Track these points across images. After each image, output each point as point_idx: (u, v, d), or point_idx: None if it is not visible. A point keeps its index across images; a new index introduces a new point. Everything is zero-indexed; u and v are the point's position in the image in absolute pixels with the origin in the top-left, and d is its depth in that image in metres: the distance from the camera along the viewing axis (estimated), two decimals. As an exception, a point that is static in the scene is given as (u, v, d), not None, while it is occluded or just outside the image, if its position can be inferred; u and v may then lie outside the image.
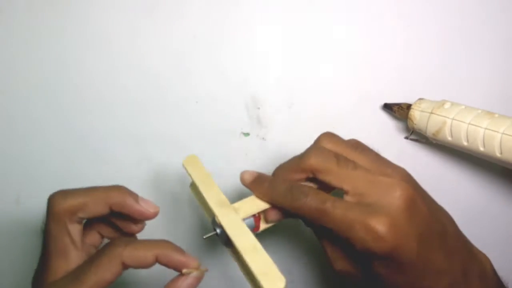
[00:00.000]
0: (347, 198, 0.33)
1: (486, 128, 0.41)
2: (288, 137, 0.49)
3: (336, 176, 0.33)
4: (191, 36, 0.48)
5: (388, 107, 0.47)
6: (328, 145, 0.35)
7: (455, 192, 0.49)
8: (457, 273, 0.33)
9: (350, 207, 0.32)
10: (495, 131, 0.40)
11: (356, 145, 0.36)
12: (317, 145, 0.36)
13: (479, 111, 0.42)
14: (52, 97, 0.50)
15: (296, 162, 0.35)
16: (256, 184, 0.36)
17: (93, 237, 0.37)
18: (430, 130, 0.44)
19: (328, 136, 0.36)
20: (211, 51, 0.49)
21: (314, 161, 0.34)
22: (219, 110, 0.49)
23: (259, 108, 0.49)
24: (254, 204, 0.36)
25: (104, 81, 0.50)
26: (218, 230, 0.34)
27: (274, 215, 0.36)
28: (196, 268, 0.32)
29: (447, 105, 0.43)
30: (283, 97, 0.49)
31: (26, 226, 0.51)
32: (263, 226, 0.37)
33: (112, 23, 0.49)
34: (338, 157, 0.34)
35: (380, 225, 0.30)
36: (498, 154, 0.40)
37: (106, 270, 0.31)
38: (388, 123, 0.48)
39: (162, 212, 0.38)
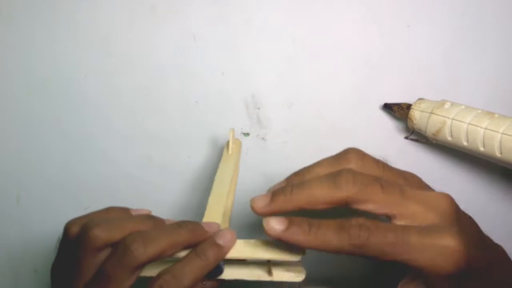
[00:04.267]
0: (396, 222, 0.30)
1: (486, 128, 0.41)
2: (288, 137, 0.49)
3: (382, 203, 0.29)
4: (191, 37, 0.49)
5: (388, 107, 0.47)
6: (359, 166, 0.31)
7: (455, 192, 0.48)
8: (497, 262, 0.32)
9: (420, 231, 0.28)
10: (495, 131, 0.40)
11: (378, 161, 0.33)
12: (347, 168, 0.30)
13: (479, 111, 0.42)
14: (52, 97, 0.50)
15: (328, 192, 0.29)
16: (293, 231, 0.29)
17: None
18: (430, 130, 0.44)
19: (357, 155, 0.32)
20: (211, 51, 0.49)
21: (353, 191, 0.29)
22: (219, 110, 0.49)
23: (259, 108, 0.49)
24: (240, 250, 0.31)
25: (104, 81, 0.50)
26: None
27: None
28: None
29: (447, 105, 0.43)
30: (283, 97, 0.49)
31: (26, 227, 0.51)
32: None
33: (112, 23, 0.49)
34: (379, 181, 0.29)
35: (451, 242, 0.28)
36: (498, 154, 0.40)
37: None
38: (388, 123, 0.48)
39: (162, 213, 0.38)
